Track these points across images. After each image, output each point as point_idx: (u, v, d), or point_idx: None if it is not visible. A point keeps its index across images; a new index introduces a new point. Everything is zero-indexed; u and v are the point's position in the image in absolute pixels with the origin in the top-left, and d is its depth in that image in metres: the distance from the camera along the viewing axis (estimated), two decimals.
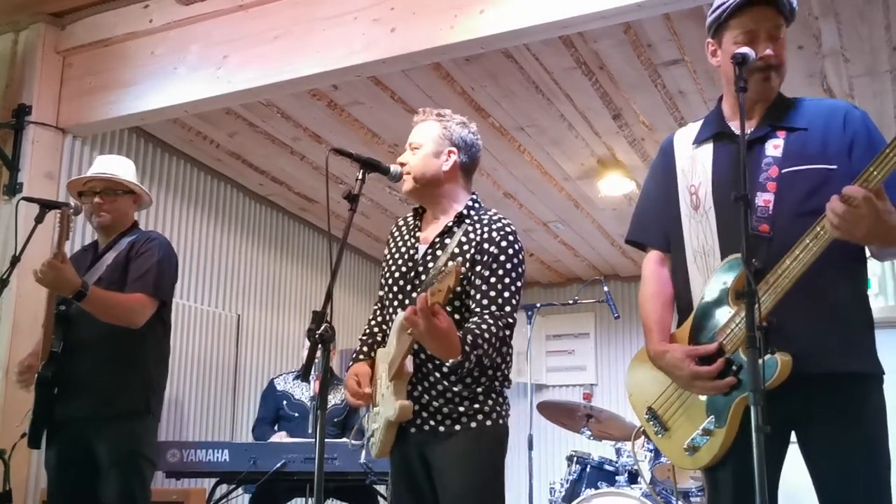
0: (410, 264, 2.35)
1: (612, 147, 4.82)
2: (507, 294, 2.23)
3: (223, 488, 4.07)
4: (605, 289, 4.98)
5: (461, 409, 2.22)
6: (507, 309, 2.22)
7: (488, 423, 2.23)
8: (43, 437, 2.89)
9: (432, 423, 2.23)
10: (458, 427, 2.21)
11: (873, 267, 5.97)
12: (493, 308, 2.21)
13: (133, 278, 2.95)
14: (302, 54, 3.61)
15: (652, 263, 2.19)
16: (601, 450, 5.18)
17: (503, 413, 2.28)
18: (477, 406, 2.23)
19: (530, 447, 4.74)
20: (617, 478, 4.20)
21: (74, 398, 2.85)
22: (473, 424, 2.21)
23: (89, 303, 2.80)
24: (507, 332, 2.21)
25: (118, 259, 3.02)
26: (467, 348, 2.07)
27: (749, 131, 2.01)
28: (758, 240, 1.89)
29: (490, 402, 2.25)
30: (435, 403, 2.22)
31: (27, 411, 2.91)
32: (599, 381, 7.24)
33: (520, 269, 2.28)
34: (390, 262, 2.42)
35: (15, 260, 3.01)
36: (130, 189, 3.14)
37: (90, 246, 3.21)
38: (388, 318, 2.41)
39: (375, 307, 2.53)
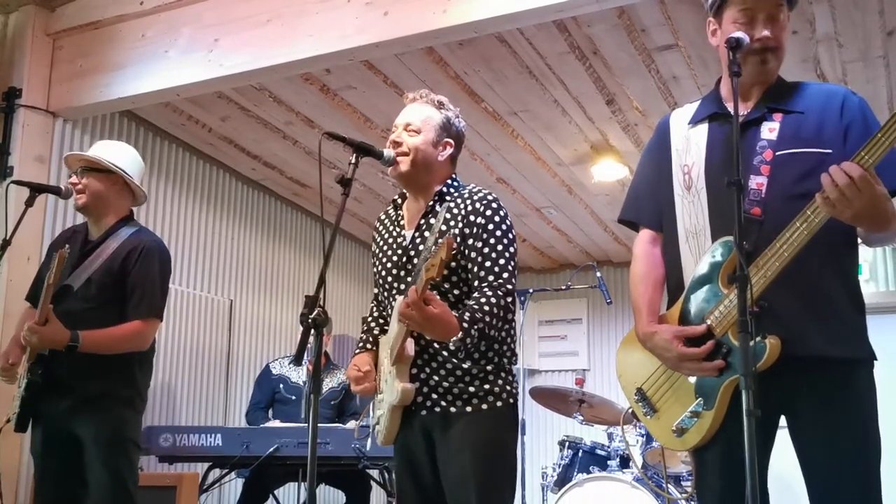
0: (400, 251, 2.34)
1: (605, 132, 4.81)
2: (502, 261, 2.23)
3: (216, 472, 4.07)
4: (598, 274, 4.99)
5: (472, 388, 2.20)
6: (505, 276, 2.22)
7: (499, 403, 2.22)
8: (29, 422, 2.86)
9: (443, 403, 2.21)
10: (468, 409, 2.19)
11: (864, 253, 6.00)
12: (491, 278, 2.21)
13: (135, 303, 2.87)
14: (294, 38, 3.59)
15: (644, 243, 2.19)
16: (593, 434, 5.21)
17: (513, 392, 2.27)
18: (487, 386, 2.21)
19: (522, 432, 4.74)
20: (609, 462, 4.23)
21: (60, 399, 2.82)
22: (484, 406, 2.20)
23: (85, 350, 2.75)
24: (509, 300, 2.20)
25: (112, 262, 2.91)
26: (465, 325, 2.07)
27: (745, 113, 2.01)
28: (749, 222, 1.89)
29: (500, 381, 2.24)
30: (445, 383, 2.21)
31: (14, 395, 2.90)
32: (592, 366, 7.27)
33: (511, 235, 2.28)
34: (380, 254, 2.42)
35: (5, 244, 2.99)
36: (109, 170, 2.97)
37: (81, 228, 3.09)
38: (386, 308, 2.42)
39: (372, 304, 2.54)
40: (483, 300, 2.15)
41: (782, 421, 1.95)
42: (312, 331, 1.89)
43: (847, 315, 1.92)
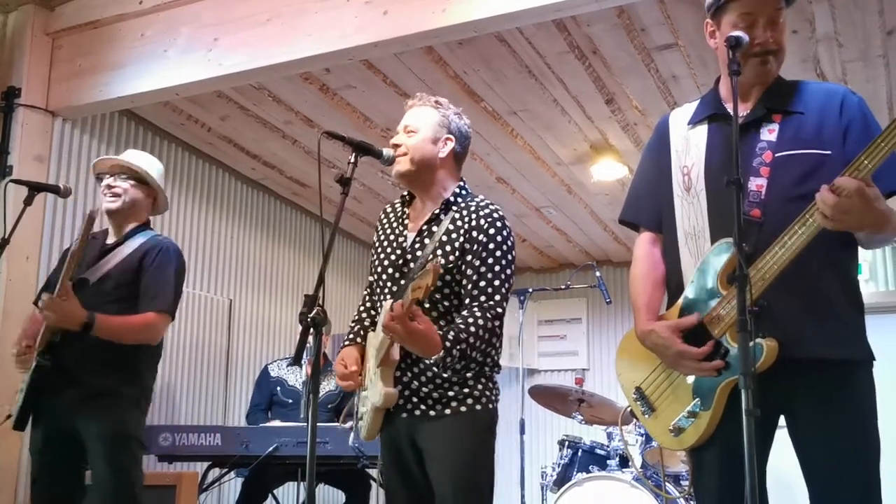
0: (399, 252, 2.35)
1: (604, 132, 4.81)
2: (497, 283, 2.23)
3: (215, 472, 4.07)
4: (598, 274, 4.99)
5: (451, 393, 2.22)
6: (497, 298, 2.22)
7: (478, 407, 2.23)
8: (28, 420, 2.88)
9: (423, 407, 2.24)
10: (447, 411, 2.22)
11: (864, 253, 5.98)
12: (483, 298, 2.21)
13: (149, 299, 2.92)
14: (293, 37, 3.59)
15: (644, 244, 2.19)
16: (593, 434, 5.21)
17: (493, 397, 2.29)
18: (467, 390, 2.23)
19: (522, 431, 4.76)
20: (608, 462, 4.23)
21: (64, 391, 2.83)
22: (463, 409, 2.22)
23: (99, 333, 2.78)
24: (497, 323, 2.22)
25: (130, 260, 2.97)
26: (448, 344, 2.08)
27: (745, 114, 2.01)
28: (749, 224, 1.89)
29: (480, 386, 2.25)
30: (425, 389, 2.23)
31: (17, 392, 2.90)
32: (591, 365, 7.26)
33: (510, 256, 2.28)
34: (379, 249, 2.43)
35: (4, 243, 2.98)
36: (144, 180, 3.09)
37: (100, 234, 3.14)
38: (377, 304, 2.42)
39: (365, 293, 2.54)
40: (471, 320, 2.16)
41: (781, 420, 1.95)
42: (311, 330, 1.89)
43: (846, 316, 1.92)
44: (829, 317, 1.89)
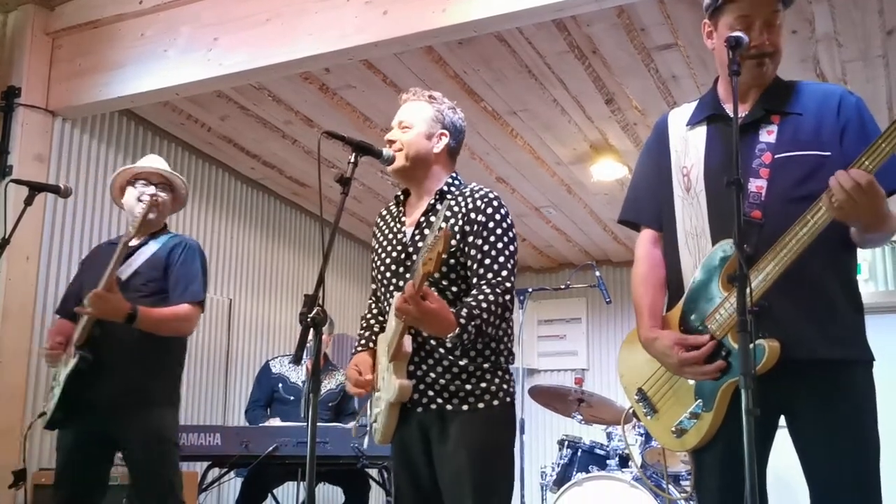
0: (400, 248, 2.35)
1: (604, 132, 4.81)
2: (501, 259, 2.23)
3: (215, 472, 4.07)
4: (597, 274, 4.98)
5: (468, 386, 2.20)
6: (504, 273, 2.22)
7: (495, 402, 2.21)
8: (62, 419, 2.92)
9: (439, 401, 2.20)
10: (465, 407, 2.19)
11: (864, 252, 6.00)
12: (490, 276, 2.21)
13: (181, 290, 3.01)
14: (293, 37, 3.59)
15: (645, 243, 2.18)
16: (592, 434, 5.21)
17: (510, 391, 2.27)
18: (484, 385, 2.21)
19: (522, 431, 4.75)
20: (608, 461, 4.23)
21: (102, 386, 2.87)
22: (481, 405, 2.20)
23: (140, 324, 2.85)
24: (507, 298, 2.20)
25: (157, 257, 3.06)
26: (462, 321, 2.07)
27: (743, 115, 2.00)
28: (749, 226, 1.88)
29: (497, 380, 2.23)
30: (441, 381, 2.20)
31: (50, 389, 2.93)
32: (591, 365, 7.27)
33: (511, 233, 2.28)
34: (380, 251, 2.42)
35: (4, 243, 2.98)
36: (174, 190, 3.20)
37: (118, 240, 3.16)
38: (383, 305, 2.41)
39: (370, 301, 2.54)
40: (481, 297, 2.15)
41: (782, 420, 1.95)
42: (311, 330, 1.89)
43: (846, 316, 1.92)
44: (830, 317, 1.89)
